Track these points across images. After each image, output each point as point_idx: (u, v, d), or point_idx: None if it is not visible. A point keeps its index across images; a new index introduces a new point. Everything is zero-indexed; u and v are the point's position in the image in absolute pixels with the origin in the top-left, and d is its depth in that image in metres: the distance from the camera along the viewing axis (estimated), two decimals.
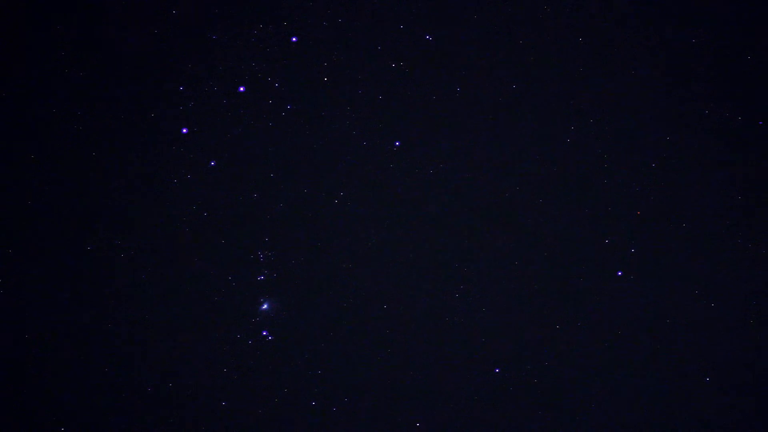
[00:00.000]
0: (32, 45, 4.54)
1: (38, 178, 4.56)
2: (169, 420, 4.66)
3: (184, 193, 4.63)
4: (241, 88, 4.61)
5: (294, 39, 4.62)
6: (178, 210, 4.64)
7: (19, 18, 4.55)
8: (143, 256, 4.63)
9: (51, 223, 4.58)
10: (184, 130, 4.60)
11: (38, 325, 4.60)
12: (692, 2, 4.72)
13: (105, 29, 4.57)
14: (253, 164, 4.68)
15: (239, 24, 4.59)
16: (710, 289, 4.79)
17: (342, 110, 4.70)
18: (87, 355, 4.63)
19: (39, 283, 4.59)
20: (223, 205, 4.67)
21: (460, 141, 4.77)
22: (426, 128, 4.75)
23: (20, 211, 4.55)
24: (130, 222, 4.62)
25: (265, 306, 4.74)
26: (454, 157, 4.78)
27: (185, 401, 4.67)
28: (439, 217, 4.80)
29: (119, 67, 4.56)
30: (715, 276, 4.78)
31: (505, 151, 4.78)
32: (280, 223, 4.72)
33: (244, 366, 4.72)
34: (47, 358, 4.61)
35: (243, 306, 4.72)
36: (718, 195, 4.76)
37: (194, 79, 4.57)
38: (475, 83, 4.73)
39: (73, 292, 4.61)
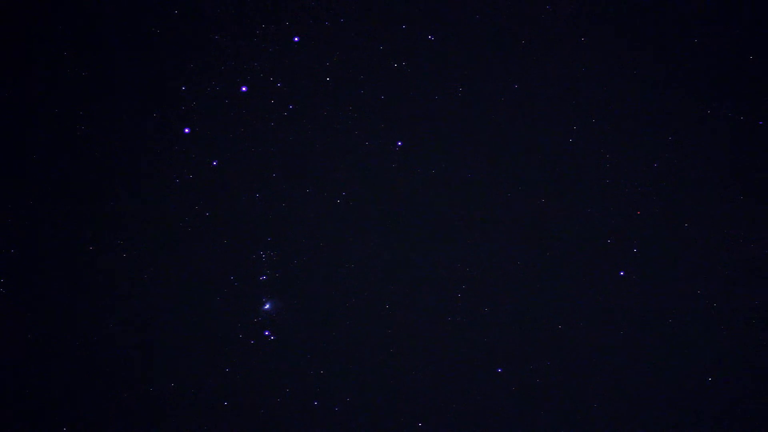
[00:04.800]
0: (32, 45, 4.54)
1: (40, 178, 4.55)
2: (170, 420, 4.66)
3: (187, 193, 4.63)
4: (244, 88, 4.61)
5: (296, 39, 4.62)
6: (181, 210, 4.64)
7: (19, 18, 4.54)
8: (145, 256, 4.63)
9: (53, 223, 4.57)
10: (187, 130, 4.60)
11: (40, 325, 4.59)
12: (692, 2, 4.74)
13: (107, 29, 4.57)
14: (255, 164, 4.68)
15: (241, 24, 4.59)
16: (711, 289, 4.80)
17: (344, 110, 4.71)
18: (89, 354, 4.62)
19: (41, 283, 4.59)
20: (225, 205, 4.67)
21: (461, 141, 4.78)
22: (428, 128, 4.76)
23: (22, 211, 4.55)
24: (132, 222, 4.61)
25: (267, 306, 4.75)
26: (455, 157, 4.79)
27: (187, 401, 4.67)
28: (440, 217, 4.81)
29: (121, 67, 4.56)
30: (716, 276, 4.79)
31: (507, 151, 4.79)
32: (282, 223, 4.72)
33: (246, 366, 4.72)
34: (49, 357, 4.60)
35: (245, 306, 4.72)
36: (719, 195, 4.78)
37: (196, 79, 4.57)
38: (477, 83, 4.74)
39: (75, 291, 4.60)
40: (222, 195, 4.67)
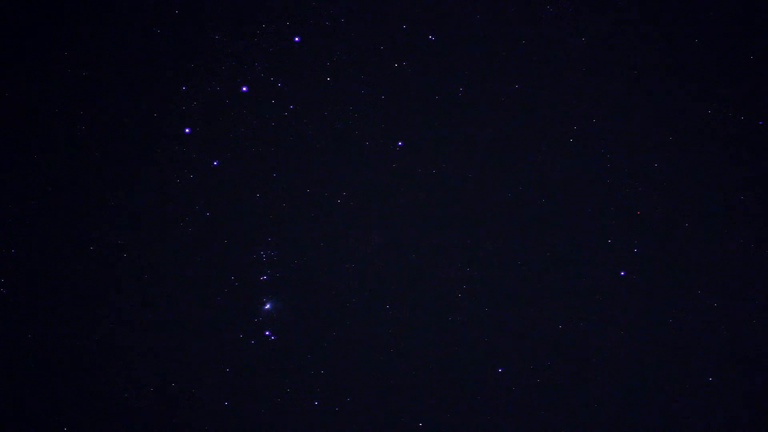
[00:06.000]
0: (33, 45, 4.54)
1: (40, 178, 4.55)
2: (171, 420, 4.66)
3: (187, 192, 4.63)
4: (244, 88, 4.61)
5: (296, 39, 4.62)
6: (181, 210, 4.64)
7: (19, 18, 4.54)
8: (145, 255, 4.63)
9: (53, 223, 4.57)
10: (187, 130, 4.60)
11: (40, 325, 4.59)
12: (693, 2, 4.74)
13: (107, 29, 4.56)
14: (255, 164, 4.68)
15: (242, 24, 4.58)
16: (712, 288, 4.80)
17: (344, 110, 4.71)
18: (89, 354, 4.62)
19: (41, 283, 4.58)
20: (225, 205, 4.67)
21: (462, 141, 4.78)
22: (428, 128, 4.76)
23: (22, 211, 4.54)
24: (132, 222, 4.61)
25: (267, 306, 4.75)
26: (456, 157, 4.79)
27: (187, 401, 4.67)
28: (441, 217, 4.81)
29: (122, 67, 4.56)
30: (716, 276, 4.80)
31: (507, 150, 4.79)
32: (282, 223, 4.72)
33: (246, 366, 4.72)
34: (49, 357, 4.60)
35: (245, 306, 4.72)
36: (720, 195, 4.78)
37: (197, 79, 4.57)
38: (478, 83, 4.74)
39: (75, 291, 4.60)
40: (222, 195, 4.67)
